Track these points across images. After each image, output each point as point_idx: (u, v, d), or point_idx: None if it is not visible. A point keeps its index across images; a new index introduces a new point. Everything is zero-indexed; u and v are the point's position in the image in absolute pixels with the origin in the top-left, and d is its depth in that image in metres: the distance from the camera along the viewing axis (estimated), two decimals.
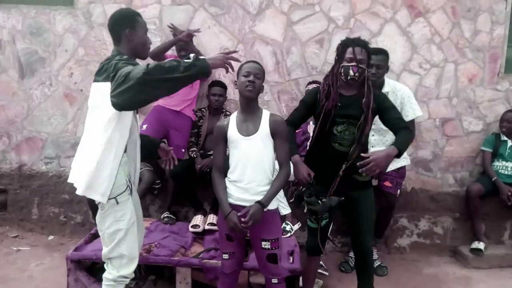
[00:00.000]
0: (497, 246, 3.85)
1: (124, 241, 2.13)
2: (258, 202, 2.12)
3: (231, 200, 2.21)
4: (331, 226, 2.71)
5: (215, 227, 3.33)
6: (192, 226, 3.35)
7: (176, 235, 3.24)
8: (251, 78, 2.14)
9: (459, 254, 3.81)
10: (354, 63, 2.33)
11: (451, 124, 3.90)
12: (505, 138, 3.80)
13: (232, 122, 2.24)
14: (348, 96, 2.42)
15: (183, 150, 3.69)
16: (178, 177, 3.54)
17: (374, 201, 2.58)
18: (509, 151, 3.77)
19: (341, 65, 2.38)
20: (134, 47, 2.17)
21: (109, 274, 2.18)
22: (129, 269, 2.18)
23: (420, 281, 3.40)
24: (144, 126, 3.45)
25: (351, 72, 2.33)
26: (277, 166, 2.30)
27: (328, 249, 3.59)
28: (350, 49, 2.33)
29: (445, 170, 3.93)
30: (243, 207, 2.15)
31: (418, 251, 3.91)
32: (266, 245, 2.19)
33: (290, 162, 2.33)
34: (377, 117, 2.48)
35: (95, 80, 2.11)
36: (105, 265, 2.22)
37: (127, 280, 2.23)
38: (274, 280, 2.25)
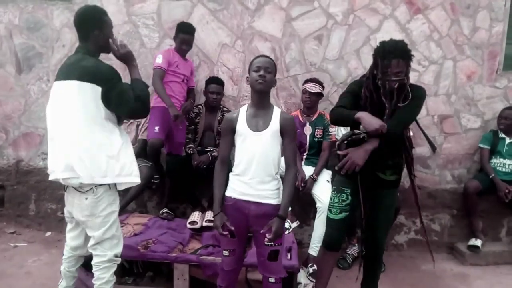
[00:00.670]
0: (494, 243, 3.86)
1: (116, 222, 2.31)
2: (278, 216, 2.13)
3: (234, 194, 2.20)
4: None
5: (212, 224, 3.27)
6: (190, 223, 3.34)
7: (173, 232, 3.23)
8: (261, 72, 2.13)
9: (456, 250, 3.81)
10: (391, 78, 2.24)
11: (450, 121, 3.91)
12: (503, 135, 3.80)
13: (242, 115, 2.21)
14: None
15: (182, 147, 3.67)
16: (175, 174, 3.54)
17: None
18: (507, 148, 3.77)
19: (378, 76, 2.28)
20: (101, 46, 2.30)
21: (102, 257, 2.27)
22: (119, 249, 2.34)
23: (417, 277, 3.40)
24: (157, 128, 3.43)
25: (387, 86, 2.26)
26: (282, 164, 2.28)
27: None
28: (386, 62, 2.24)
29: (443, 167, 3.94)
30: (245, 202, 2.17)
31: (416, 247, 3.91)
32: (269, 241, 2.16)
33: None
34: None
35: (66, 78, 2.17)
36: (93, 252, 2.30)
37: (119, 260, 2.34)
38: (271, 279, 2.23)
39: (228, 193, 2.24)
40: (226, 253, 2.28)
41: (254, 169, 2.16)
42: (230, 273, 2.33)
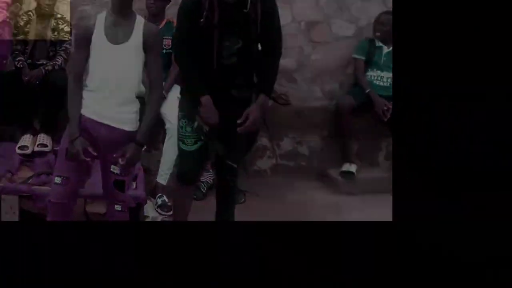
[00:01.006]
0: (371, 169, 3.62)
1: None
2: (135, 142, 2.03)
3: (85, 112, 2.04)
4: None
5: (46, 149, 3.10)
6: (19, 148, 3.07)
7: (1, 158, 2.98)
8: None
9: (328, 178, 3.56)
10: None
11: (319, 28, 3.61)
12: (381, 44, 3.49)
13: (100, 23, 2.02)
14: (231, 2, 2.14)
15: (4, 61, 3.31)
16: (1, 91, 3.14)
17: None
18: (384, 59, 3.45)
19: None
20: None
21: None
22: None
23: (283, 208, 3.12)
24: None
25: None
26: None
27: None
28: None
29: (312, 82, 3.65)
30: (96, 123, 2.03)
31: (281, 174, 3.64)
32: (115, 169, 2.06)
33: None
34: None
35: None
36: None
37: None
38: (117, 207, 2.14)
39: None
40: (58, 180, 2.10)
41: (112, 86, 2.03)
42: (59, 207, 2.14)
